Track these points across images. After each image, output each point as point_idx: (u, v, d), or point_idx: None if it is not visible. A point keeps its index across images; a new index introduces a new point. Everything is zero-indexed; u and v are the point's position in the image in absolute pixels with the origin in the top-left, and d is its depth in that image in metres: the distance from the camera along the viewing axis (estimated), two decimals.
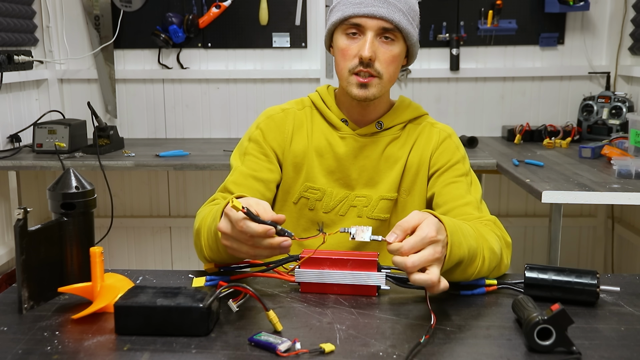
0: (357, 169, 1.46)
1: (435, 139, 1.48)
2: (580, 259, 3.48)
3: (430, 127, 1.50)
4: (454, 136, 1.51)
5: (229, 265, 1.24)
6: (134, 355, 0.93)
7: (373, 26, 1.36)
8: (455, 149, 1.48)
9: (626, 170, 2.26)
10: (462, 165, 1.47)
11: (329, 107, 1.50)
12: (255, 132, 1.49)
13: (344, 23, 1.39)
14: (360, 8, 1.36)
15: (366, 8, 1.35)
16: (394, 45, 1.38)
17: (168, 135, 3.40)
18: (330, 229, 1.44)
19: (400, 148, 1.47)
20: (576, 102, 3.26)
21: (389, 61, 1.38)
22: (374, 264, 1.14)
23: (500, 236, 1.30)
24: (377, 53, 1.37)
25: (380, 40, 1.37)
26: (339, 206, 1.46)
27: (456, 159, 1.47)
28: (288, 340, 0.93)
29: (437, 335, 0.99)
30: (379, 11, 1.35)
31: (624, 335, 0.99)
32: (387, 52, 1.38)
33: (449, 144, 1.48)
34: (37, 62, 3.21)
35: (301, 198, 1.47)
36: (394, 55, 1.39)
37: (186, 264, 3.53)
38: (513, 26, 3.21)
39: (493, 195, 3.40)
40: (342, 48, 1.40)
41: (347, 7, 1.37)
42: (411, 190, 1.46)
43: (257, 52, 3.30)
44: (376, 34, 1.37)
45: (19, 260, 1.06)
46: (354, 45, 1.38)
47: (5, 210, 3.04)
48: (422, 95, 3.32)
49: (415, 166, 1.46)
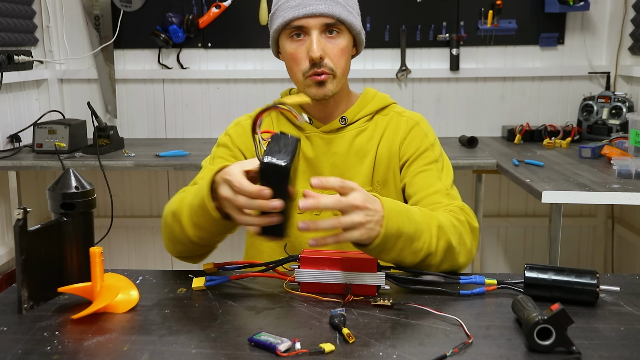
0: (327, 166, 1.45)
1: (403, 127, 1.47)
2: (580, 259, 3.48)
3: (398, 116, 1.49)
4: (423, 123, 1.49)
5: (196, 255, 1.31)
6: (134, 355, 0.93)
7: (316, 25, 1.36)
8: (423, 136, 1.47)
9: (626, 170, 2.26)
10: (432, 152, 1.45)
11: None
12: (224, 138, 1.50)
13: (286, 28, 1.39)
14: (299, 10, 1.35)
15: (305, 8, 1.35)
16: (340, 39, 1.38)
17: (168, 135, 3.40)
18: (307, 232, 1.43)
19: (369, 141, 1.46)
20: (576, 102, 3.26)
21: (339, 55, 1.38)
22: (374, 264, 1.14)
23: (464, 221, 1.29)
24: (326, 50, 1.37)
25: (326, 37, 1.37)
26: None
27: (425, 146, 1.45)
28: (288, 340, 0.93)
29: (437, 335, 0.99)
30: (317, 9, 1.35)
31: (624, 335, 0.99)
32: (335, 46, 1.38)
33: (417, 131, 1.47)
34: (37, 62, 3.21)
35: None
36: (342, 49, 1.38)
37: (186, 264, 3.52)
38: (513, 26, 3.21)
39: (493, 195, 3.40)
40: (290, 53, 1.39)
41: (286, 12, 1.37)
42: (385, 183, 1.46)
43: (257, 52, 3.30)
44: (320, 32, 1.37)
45: (19, 260, 1.06)
46: (302, 47, 1.38)
47: (5, 210, 3.04)
48: (422, 95, 3.32)
49: (386, 158, 1.45)
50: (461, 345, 0.95)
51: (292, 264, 1.17)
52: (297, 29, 1.37)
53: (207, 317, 1.07)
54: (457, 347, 0.94)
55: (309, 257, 1.16)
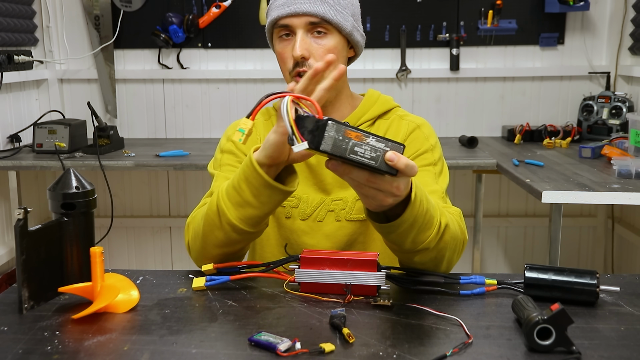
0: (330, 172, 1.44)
1: (404, 130, 1.45)
2: (580, 259, 3.48)
3: (399, 119, 1.48)
4: (425, 127, 1.47)
5: (237, 249, 1.26)
6: (134, 355, 0.93)
7: (300, 24, 1.35)
8: (424, 138, 1.44)
9: (626, 170, 2.26)
10: (431, 154, 1.43)
11: None
12: (227, 144, 1.47)
13: (275, 27, 1.39)
14: (284, 9, 1.35)
15: (289, 7, 1.35)
16: (327, 39, 1.37)
17: (168, 135, 3.40)
18: (309, 236, 1.42)
19: None
20: (576, 102, 3.26)
21: (324, 56, 1.33)
22: (374, 264, 1.14)
23: (464, 233, 1.28)
24: (311, 50, 1.35)
25: (312, 37, 1.36)
26: (316, 212, 1.43)
27: (424, 148, 1.43)
28: (288, 340, 0.93)
29: (437, 335, 0.99)
30: (301, 7, 1.34)
31: (624, 335, 0.99)
32: (320, 47, 1.36)
33: (418, 134, 1.45)
34: (37, 62, 3.21)
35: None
36: (328, 49, 1.36)
37: (186, 264, 3.52)
38: (513, 26, 3.21)
39: (493, 195, 3.40)
40: (278, 52, 1.40)
41: (274, 11, 1.37)
42: None
43: (257, 52, 3.30)
44: (306, 31, 1.36)
45: (19, 260, 1.06)
46: (288, 47, 1.37)
47: (5, 210, 3.04)
48: (422, 95, 3.32)
49: None
50: (461, 345, 0.95)
51: (292, 264, 1.17)
52: (285, 28, 1.37)
53: (207, 317, 1.07)
54: (457, 347, 0.94)
55: (309, 257, 1.16)
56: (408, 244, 1.14)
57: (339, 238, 1.42)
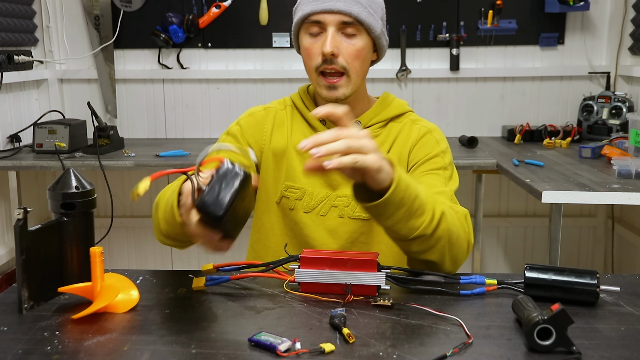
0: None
1: (415, 135, 1.46)
2: (580, 259, 3.48)
3: (411, 123, 1.48)
4: (436, 132, 1.48)
5: (183, 242, 1.27)
6: (134, 355, 0.93)
7: (333, 21, 1.35)
8: (435, 143, 1.45)
9: (626, 170, 2.26)
10: (441, 159, 1.43)
11: (308, 106, 1.48)
12: (235, 128, 1.50)
13: (305, 22, 1.39)
14: (318, 4, 1.35)
15: (324, 4, 1.35)
16: (357, 39, 1.37)
17: (168, 135, 3.40)
18: (311, 230, 1.43)
19: (380, 147, 1.44)
20: (576, 102, 3.26)
21: (353, 56, 1.37)
22: (374, 264, 1.14)
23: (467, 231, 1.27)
24: (340, 48, 1.36)
25: (342, 36, 1.37)
26: (319, 206, 1.43)
27: (435, 152, 1.43)
28: (288, 340, 0.93)
29: (437, 335, 0.99)
30: (336, 5, 1.34)
31: (624, 335, 0.99)
32: (350, 46, 1.37)
33: (429, 138, 1.45)
34: (37, 62, 3.21)
35: (282, 197, 1.46)
36: (357, 49, 1.37)
37: (186, 264, 3.53)
38: (513, 26, 3.21)
39: (493, 195, 3.40)
40: (306, 47, 1.39)
41: (306, 6, 1.37)
42: None
43: (257, 52, 3.30)
44: (337, 29, 1.36)
45: (19, 260, 1.06)
46: (317, 43, 1.37)
47: (5, 210, 3.04)
48: (422, 95, 3.32)
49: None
50: (461, 345, 0.95)
51: (292, 264, 1.17)
52: (315, 24, 1.37)
53: (207, 317, 1.07)
54: (457, 347, 0.94)
55: (309, 257, 1.16)
56: (404, 230, 1.14)
57: (341, 234, 1.42)
